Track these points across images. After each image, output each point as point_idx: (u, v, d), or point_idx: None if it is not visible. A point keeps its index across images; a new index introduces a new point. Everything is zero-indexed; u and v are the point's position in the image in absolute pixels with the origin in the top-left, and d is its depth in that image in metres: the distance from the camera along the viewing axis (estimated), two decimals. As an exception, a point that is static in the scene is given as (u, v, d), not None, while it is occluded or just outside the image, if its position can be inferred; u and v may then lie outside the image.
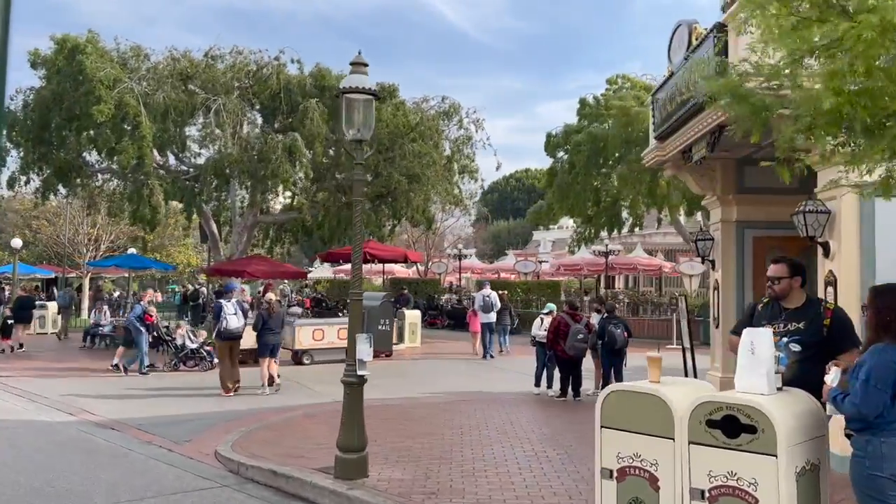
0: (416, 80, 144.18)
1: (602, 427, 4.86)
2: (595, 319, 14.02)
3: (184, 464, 8.82)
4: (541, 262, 34.88)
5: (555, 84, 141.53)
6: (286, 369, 17.40)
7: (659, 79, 31.37)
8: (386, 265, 40.91)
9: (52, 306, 29.26)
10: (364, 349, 7.20)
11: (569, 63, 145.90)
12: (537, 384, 13.98)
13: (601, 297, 15.02)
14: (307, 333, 18.97)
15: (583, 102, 32.06)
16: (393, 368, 18.40)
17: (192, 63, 20.19)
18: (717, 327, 11.87)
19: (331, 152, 20.77)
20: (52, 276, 39.22)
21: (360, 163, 7.47)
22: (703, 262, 15.07)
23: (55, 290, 38.70)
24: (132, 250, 38.40)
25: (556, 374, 13.79)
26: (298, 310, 20.39)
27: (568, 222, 78.55)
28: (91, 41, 18.87)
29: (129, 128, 18.37)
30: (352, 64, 7.58)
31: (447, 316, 32.04)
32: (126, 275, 40.51)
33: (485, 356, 20.42)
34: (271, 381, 14.29)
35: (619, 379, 13.12)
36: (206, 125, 19.32)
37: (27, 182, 21.61)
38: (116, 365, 17.04)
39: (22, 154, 21.81)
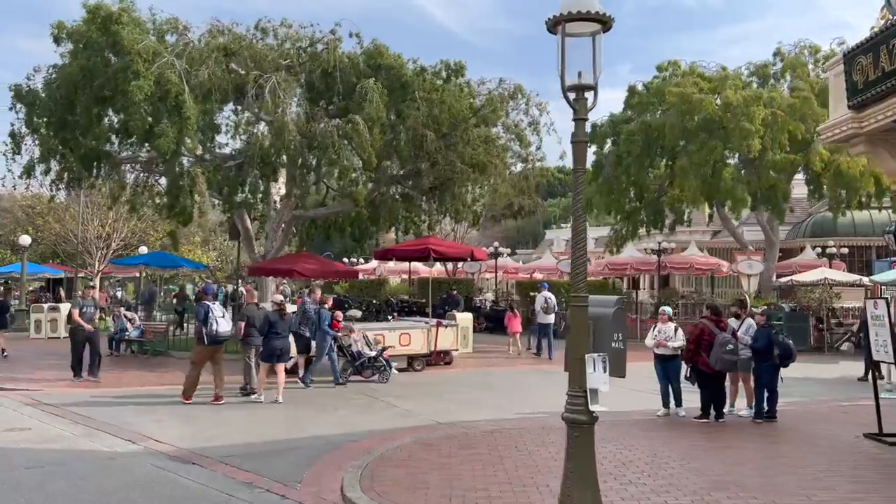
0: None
1: None
2: (736, 326, 11.99)
3: (313, 518, 6.82)
4: (588, 261, 32.81)
5: (546, 85, 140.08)
6: (353, 380, 15.42)
7: (712, 66, 29.71)
8: (412, 264, 39.03)
9: (64, 307, 27.04)
10: (598, 377, 5.21)
11: (557, 65, 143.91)
12: (665, 404, 11.98)
13: (742, 301, 13.02)
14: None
15: (632, 90, 30.12)
16: (468, 379, 16.42)
17: (235, 37, 18.04)
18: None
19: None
20: (62, 275, 36.92)
21: (582, 118, 5.46)
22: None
23: (61, 291, 36.47)
24: (143, 249, 36.19)
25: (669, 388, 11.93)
26: (357, 313, 18.32)
27: (582, 220, 77.05)
28: (125, 10, 16.72)
29: (168, 108, 16.22)
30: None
31: (485, 318, 29.97)
32: (137, 274, 38.35)
33: (537, 353, 20.44)
34: (249, 390, 13.54)
35: (774, 397, 11.19)
36: (253, 106, 17.15)
37: (47, 171, 19.44)
38: (303, 378, 15.07)
39: (38, 141, 19.67)
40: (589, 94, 5.47)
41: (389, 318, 19.62)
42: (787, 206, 28.42)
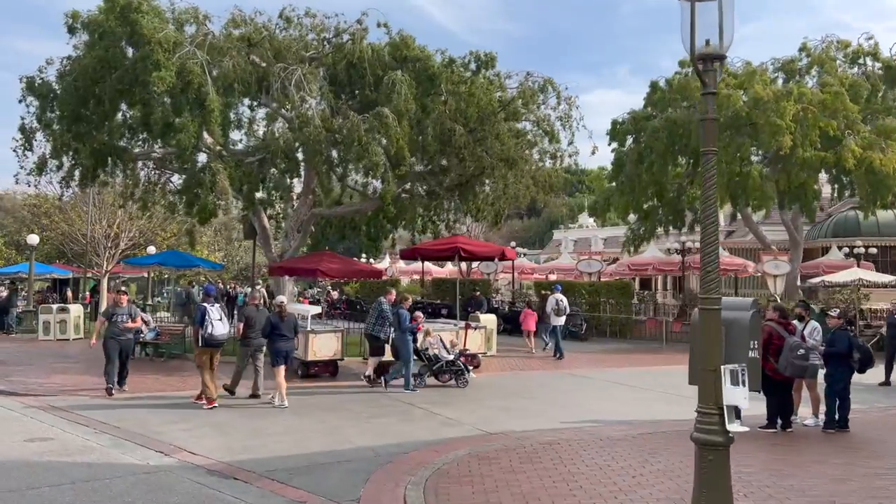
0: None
1: None
2: (800, 328, 11.27)
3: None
4: (615, 260, 32.12)
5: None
6: (380, 386, 14.72)
7: (736, 62, 28.98)
8: (424, 264, 38.31)
9: (74, 309, 26.34)
10: (737, 391, 4.49)
11: (557, 65, 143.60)
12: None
13: (805, 302, 12.30)
14: (394, 343, 16.24)
15: (654, 86, 29.39)
16: (501, 384, 15.71)
17: (256, 28, 17.32)
18: None
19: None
20: (69, 275, 36.16)
21: (711, 92, 4.75)
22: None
23: (68, 292, 35.77)
24: (152, 249, 35.47)
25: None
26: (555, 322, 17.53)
27: (588, 221, 76.55)
28: (144, -1, 16.02)
29: (188, 101, 15.49)
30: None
31: (503, 319, 29.22)
32: (145, 275, 37.64)
33: (559, 356, 20.09)
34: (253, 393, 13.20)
35: (846, 405, 10.48)
36: (280, 98, 16.40)
37: (59, 167, 18.74)
38: (369, 376, 14.70)
39: (49, 136, 18.97)
40: (717, 65, 4.74)
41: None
42: (818, 205, 27.71)
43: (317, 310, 16.70)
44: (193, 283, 38.12)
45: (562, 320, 21.38)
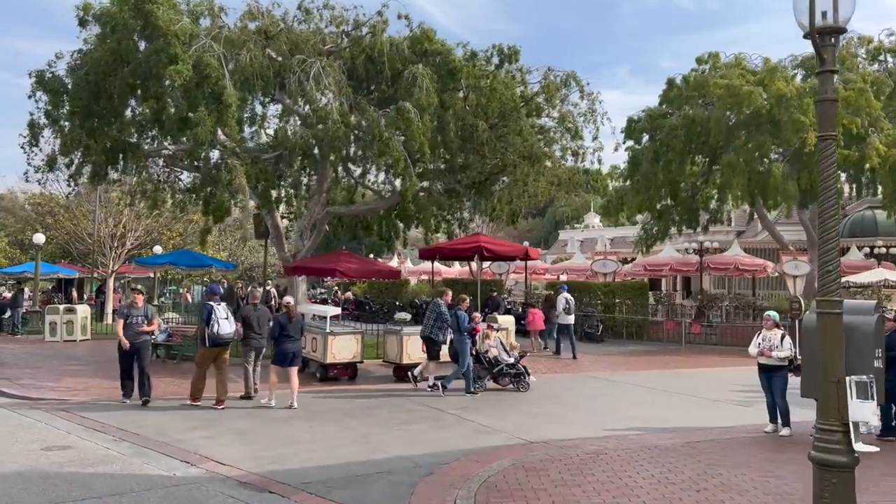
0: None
1: None
2: None
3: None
4: (622, 260, 31.59)
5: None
6: (403, 389, 14.23)
7: (755, 59, 28.46)
8: (434, 264, 37.78)
9: (81, 309, 25.84)
10: (865, 406, 3.97)
11: (556, 65, 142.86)
12: (773, 419, 10.72)
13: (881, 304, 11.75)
14: (416, 345, 15.72)
15: (670, 83, 28.79)
16: (530, 390, 15.15)
17: (273, 21, 16.80)
18: None
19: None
20: (75, 275, 35.63)
21: (831, 69, 4.25)
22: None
23: (73, 292, 35.25)
24: (158, 248, 34.94)
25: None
26: (407, 316, 17.04)
27: (595, 220, 76.01)
28: (158, -11, 15.48)
29: (204, 95, 14.97)
30: None
31: (517, 320, 28.69)
32: (151, 275, 37.15)
33: (556, 353, 20.76)
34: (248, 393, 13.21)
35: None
36: (297, 93, 15.88)
37: (70, 164, 18.23)
38: (434, 384, 14.12)
39: (58, 132, 18.46)
40: (835, 39, 4.23)
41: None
42: (841, 204, 27.16)
43: (336, 310, 16.21)
44: (206, 282, 37.65)
45: (571, 318, 21.61)
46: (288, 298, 14.32)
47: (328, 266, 17.12)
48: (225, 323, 12.31)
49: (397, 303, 34.67)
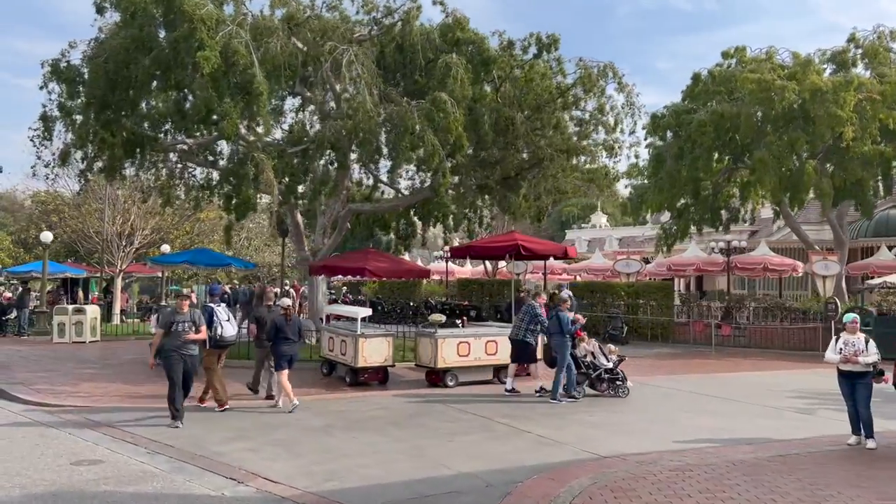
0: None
1: None
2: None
3: None
4: (645, 260, 30.84)
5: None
6: (440, 395, 13.45)
7: (783, 53, 27.70)
8: (447, 264, 37.04)
9: (91, 310, 25.05)
10: None
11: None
12: (856, 430, 9.96)
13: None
14: (452, 348, 14.99)
15: (696, 78, 28.02)
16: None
17: (300, 7, 16.02)
18: None
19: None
20: (83, 274, 34.78)
21: None
22: None
23: (80, 292, 34.43)
24: (166, 247, 34.10)
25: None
26: (441, 317, 16.13)
27: (602, 220, 75.19)
28: (180, -27, 14.66)
29: (230, 85, 14.19)
30: None
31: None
32: (159, 274, 36.32)
33: None
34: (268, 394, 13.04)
35: None
36: (331, 81, 15.09)
37: (85, 157, 17.45)
38: (540, 389, 13.56)
39: (69, 125, 17.68)
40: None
41: (459, 322, 17.57)
42: (876, 202, 26.50)
43: (367, 311, 15.40)
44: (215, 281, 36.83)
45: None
46: (286, 300, 13.81)
47: (356, 265, 16.33)
48: (227, 325, 12.07)
49: (411, 303, 33.92)
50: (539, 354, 14.89)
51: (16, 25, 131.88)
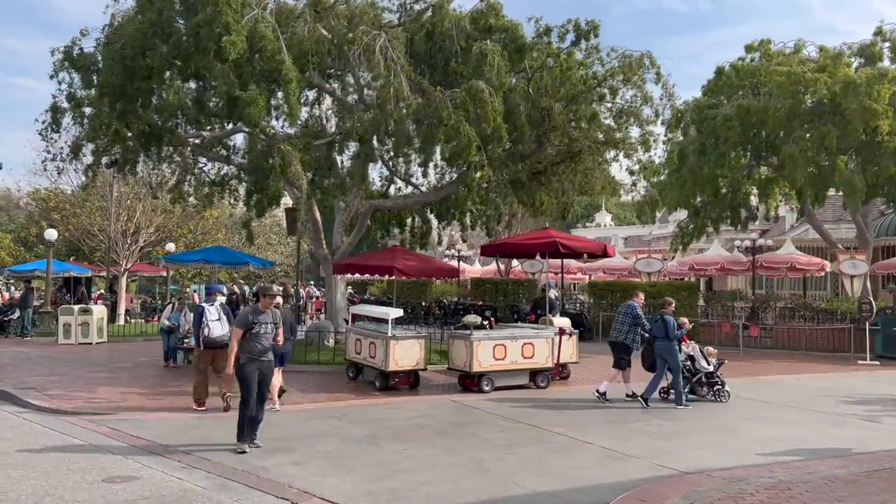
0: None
1: None
2: None
3: None
4: (664, 259, 30.10)
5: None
6: (479, 402, 12.67)
7: (811, 49, 26.97)
8: (460, 262, 36.20)
9: (98, 310, 24.18)
10: None
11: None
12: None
13: None
14: (488, 351, 14.21)
15: (720, 72, 27.27)
16: (618, 400, 13.60)
17: (323, -9, 15.24)
18: None
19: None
20: (88, 273, 33.88)
21: None
22: None
23: (83, 291, 33.53)
24: (171, 246, 33.21)
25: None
26: (477, 319, 15.28)
27: (606, 219, 74.53)
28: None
29: (255, 71, 13.37)
30: None
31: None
32: (164, 273, 35.49)
33: None
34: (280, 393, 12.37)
35: None
36: (360, 66, 14.30)
37: (97, 151, 16.63)
38: (633, 394, 13.00)
39: (78, 118, 16.88)
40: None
41: (485, 323, 16.81)
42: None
43: (398, 312, 14.60)
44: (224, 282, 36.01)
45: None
46: (278, 298, 13.26)
47: (384, 264, 15.54)
48: (216, 325, 11.84)
49: (423, 303, 33.17)
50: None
51: (8, 24, 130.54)
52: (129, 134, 15.84)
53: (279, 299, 13.96)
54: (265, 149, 14.07)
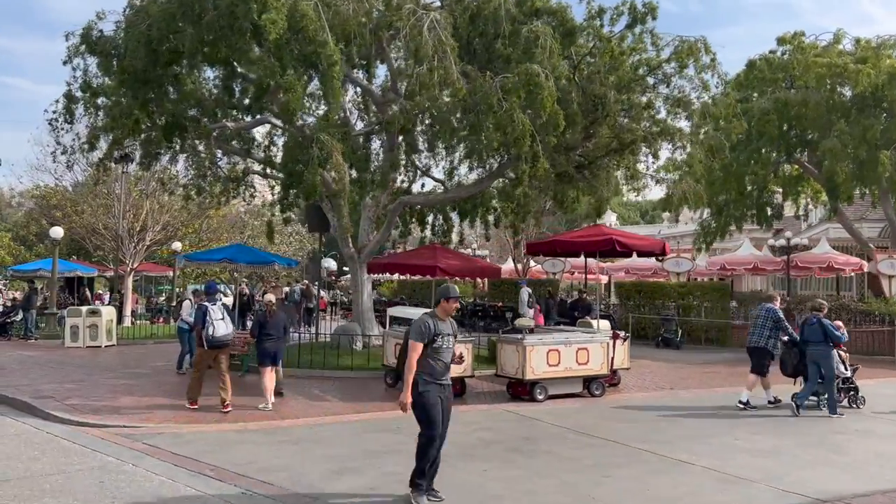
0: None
1: None
2: None
3: None
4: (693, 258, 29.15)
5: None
6: (537, 412, 11.66)
7: (846, 42, 26.04)
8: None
9: (106, 312, 23.04)
10: None
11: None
12: None
13: None
14: (541, 357, 13.19)
15: (751, 65, 26.39)
16: (676, 408, 12.59)
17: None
18: None
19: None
20: (95, 273, 32.71)
21: None
22: None
23: (87, 292, 32.36)
24: (177, 245, 32.04)
25: None
26: (530, 322, 14.32)
27: (611, 219, 73.63)
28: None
29: (293, 54, 12.32)
30: None
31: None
32: (171, 273, 34.33)
33: None
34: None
35: None
36: (408, 47, 13.26)
37: (116, 142, 15.55)
38: (746, 402, 12.30)
39: (89, 109, 15.83)
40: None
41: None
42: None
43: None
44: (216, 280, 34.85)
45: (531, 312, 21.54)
46: (270, 297, 13.50)
47: (426, 263, 14.50)
48: (220, 324, 11.73)
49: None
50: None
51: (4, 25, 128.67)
52: (149, 124, 14.71)
53: (271, 296, 13.30)
54: (302, 139, 13.00)
